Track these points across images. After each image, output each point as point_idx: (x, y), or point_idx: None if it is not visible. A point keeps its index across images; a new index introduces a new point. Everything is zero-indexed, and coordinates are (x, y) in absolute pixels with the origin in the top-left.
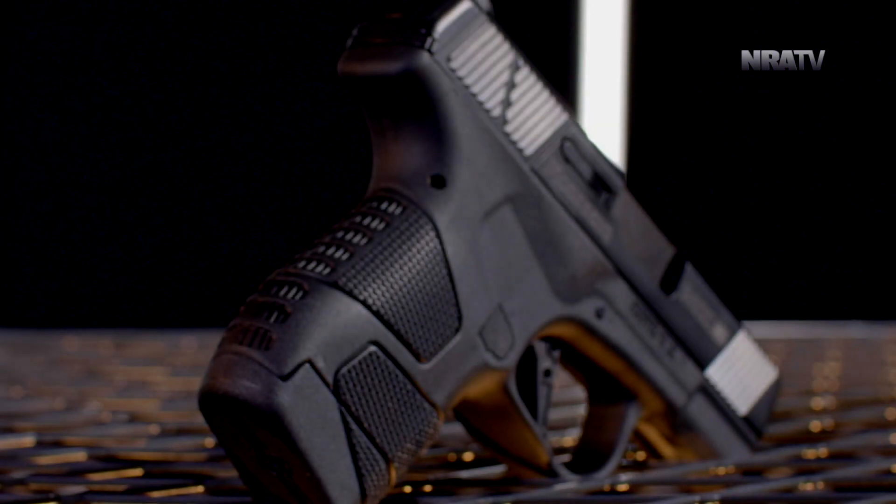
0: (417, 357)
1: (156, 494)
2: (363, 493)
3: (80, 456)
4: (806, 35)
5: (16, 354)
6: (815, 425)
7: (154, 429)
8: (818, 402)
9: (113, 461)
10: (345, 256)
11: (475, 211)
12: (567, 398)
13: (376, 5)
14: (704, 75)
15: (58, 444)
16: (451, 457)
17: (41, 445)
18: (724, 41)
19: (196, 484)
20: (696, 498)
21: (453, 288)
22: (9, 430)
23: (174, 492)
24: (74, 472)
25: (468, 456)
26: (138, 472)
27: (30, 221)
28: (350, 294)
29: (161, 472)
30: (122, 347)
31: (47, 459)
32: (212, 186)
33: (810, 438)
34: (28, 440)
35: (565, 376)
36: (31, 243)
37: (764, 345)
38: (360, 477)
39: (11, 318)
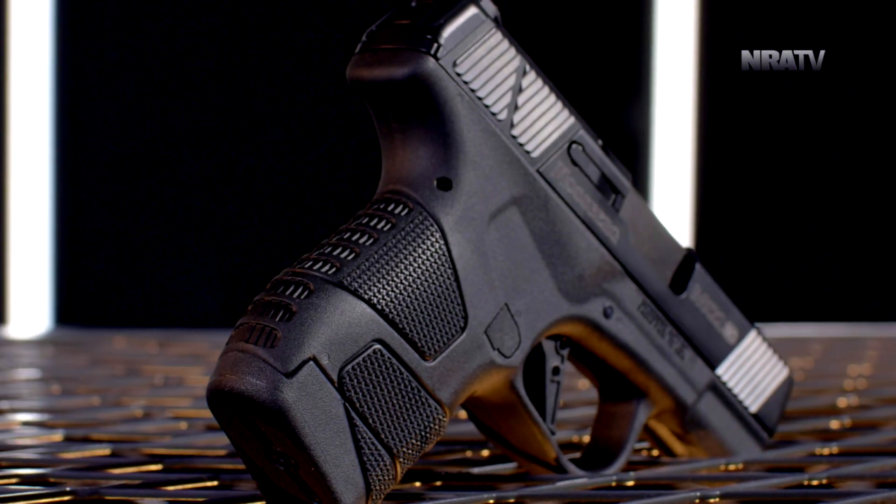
0: (422, 355)
1: (170, 488)
2: (368, 488)
3: (104, 451)
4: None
5: (60, 354)
6: (835, 423)
7: (183, 425)
8: (843, 401)
9: (135, 456)
10: (350, 257)
11: (481, 212)
12: (590, 398)
13: (386, 12)
14: (767, 81)
15: (86, 440)
16: (468, 453)
17: (69, 441)
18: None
19: (212, 479)
20: (696, 494)
21: (458, 288)
22: (40, 426)
23: (189, 486)
24: (95, 467)
25: (485, 453)
26: (158, 466)
27: (102, 226)
28: (355, 293)
29: (180, 467)
30: (165, 346)
31: (72, 455)
32: (258, 195)
33: (826, 436)
34: (57, 436)
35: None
36: (98, 247)
37: (802, 344)
38: (364, 472)
39: (76, 317)
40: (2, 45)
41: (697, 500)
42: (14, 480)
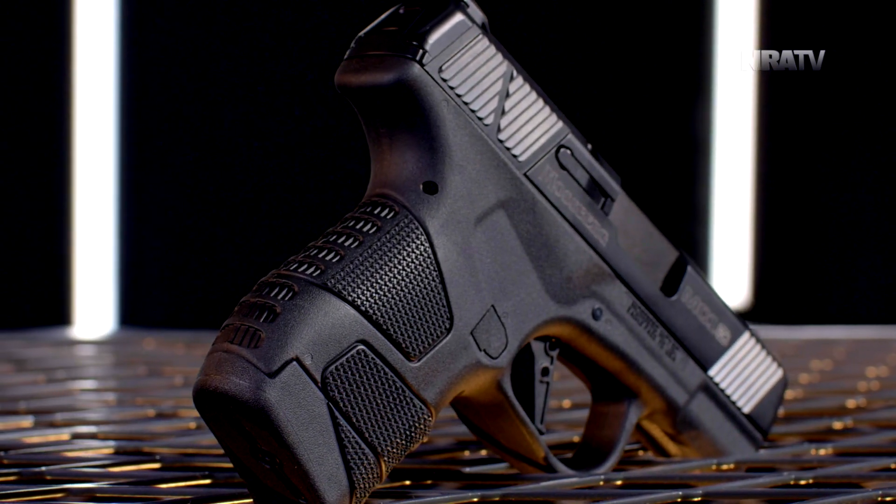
0: (407, 356)
1: (162, 486)
2: (352, 486)
3: (107, 450)
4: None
5: (90, 354)
6: (837, 424)
7: (192, 425)
8: (852, 402)
9: (137, 455)
10: (335, 259)
11: (467, 216)
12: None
13: (376, 18)
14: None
15: (93, 438)
16: (466, 453)
17: (77, 438)
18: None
19: (206, 477)
20: (679, 493)
21: (444, 289)
22: (51, 425)
23: (182, 484)
24: (95, 465)
25: (483, 453)
26: (156, 465)
27: (165, 230)
28: (339, 295)
29: (179, 466)
30: (192, 347)
31: (74, 453)
32: (285, 198)
33: (825, 437)
34: (65, 434)
35: None
36: (161, 250)
37: (828, 346)
38: (348, 470)
39: (140, 319)
40: (68, 47)
41: (679, 499)
42: (13, 478)
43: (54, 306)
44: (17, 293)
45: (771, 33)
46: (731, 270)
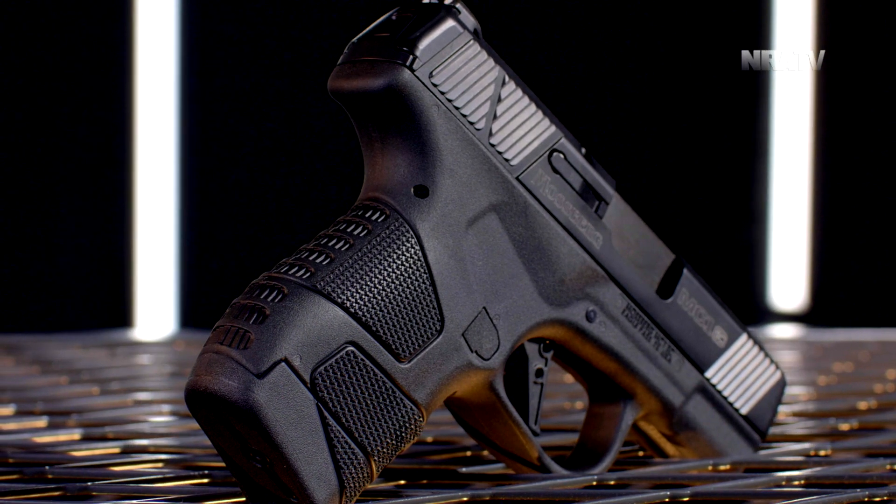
0: (397, 357)
1: (158, 485)
2: (341, 485)
3: (114, 449)
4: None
5: (114, 356)
6: (844, 426)
7: None
8: (864, 404)
9: (142, 454)
10: (325, 261)
11: (458, 219)
12: None
13: (369, 23)
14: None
15: (103, 439)
16: (468, 453)
17: (86, 439)
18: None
19: (205, 476)
20: (666, 493)
21: (434, 292)
22: (64, 425)
23: (179, 483)
24: (97, 465)
25: (485, 453)
26: (159, 464)
27: (226, 232)
28: (328, 297)
29: (181, 465)
30: None
31: (82, 452)
32: (346, 202)
33: (829, 438)
34: (76, 435)
35: None
36: (222, 253)
37: (853, 348)
38: (338, 469)
39: (201, 321)
40: (129, 53)
41: (667, 499)
42: (14, 477)
43: (116, 309)
44: (80, 296)
45: (829, 34)
46: (788, 273)
